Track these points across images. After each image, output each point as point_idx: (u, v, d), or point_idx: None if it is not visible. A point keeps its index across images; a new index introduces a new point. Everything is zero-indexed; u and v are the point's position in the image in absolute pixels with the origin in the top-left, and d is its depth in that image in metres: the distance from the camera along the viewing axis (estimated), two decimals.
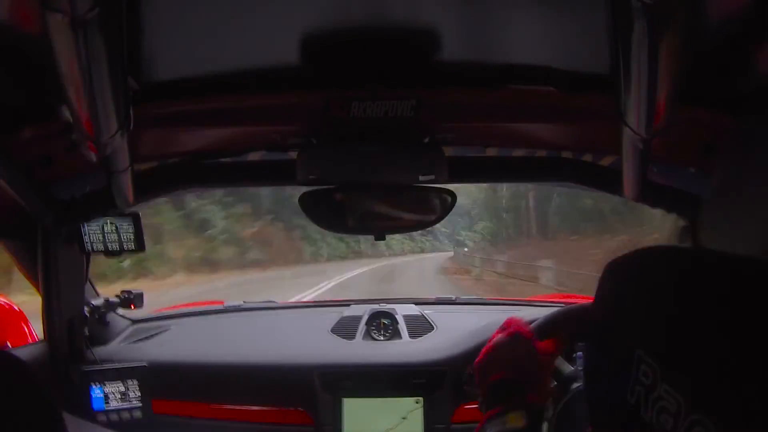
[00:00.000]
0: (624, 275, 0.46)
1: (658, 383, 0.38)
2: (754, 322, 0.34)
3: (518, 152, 1.20)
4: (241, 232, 17.95)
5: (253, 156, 1.18)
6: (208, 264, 15.65)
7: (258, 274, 15.37)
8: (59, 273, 1.21)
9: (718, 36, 0.75)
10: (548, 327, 0.83)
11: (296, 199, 1.11)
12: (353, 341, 1.52)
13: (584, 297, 2.06)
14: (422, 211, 1.12)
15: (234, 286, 12.00)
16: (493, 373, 0.77)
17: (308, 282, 12.40)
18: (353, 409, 1.37)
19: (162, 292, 9.27)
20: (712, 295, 0.37)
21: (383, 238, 1.18)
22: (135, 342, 1.54)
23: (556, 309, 0.85)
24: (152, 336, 1.58)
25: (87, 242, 1.27)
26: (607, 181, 1.13)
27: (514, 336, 0.80)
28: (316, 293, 10.54)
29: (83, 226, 1.26)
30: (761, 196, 0.73)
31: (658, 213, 1.13)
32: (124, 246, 1.29)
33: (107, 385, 1.27)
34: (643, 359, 0.40)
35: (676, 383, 0.37)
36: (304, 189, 1.10)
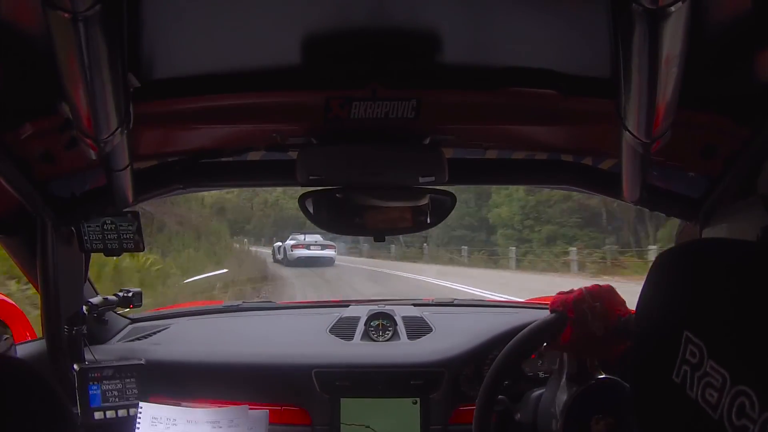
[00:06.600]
0: (676, 264, 0.49)
1: (705, 361, 0.41)
2: None
3: (518, 155, 1.20)
4: None
5: (253, 155, 1.18)
6: None
7: None
8: (58, 271, 1.20)
9: (717, 39, 0.75)
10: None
11: None
12: (351, 342, 1.52)
13: None
14: (422, 212, 1.11)
15: None
16: None
17: None
18: (351, 409, 1.36)
19: None
20: (755, 279, 0.40)
21: (383, 240, 1.17)
22: (133, 341, 1.54)
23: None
24: (150, 335, 1.58)
25: (86, 241, 1.27)
26: (607, 184, 1.13)
27: None
28: None
29: (83, 225, 1.25)
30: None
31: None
32: (124, 245, 1.29)
33: (105, 384, 1.27)
34: (691, 340, 0.42)
35: (723, 359, 0.39)
36: (304, 189, 1.10)
